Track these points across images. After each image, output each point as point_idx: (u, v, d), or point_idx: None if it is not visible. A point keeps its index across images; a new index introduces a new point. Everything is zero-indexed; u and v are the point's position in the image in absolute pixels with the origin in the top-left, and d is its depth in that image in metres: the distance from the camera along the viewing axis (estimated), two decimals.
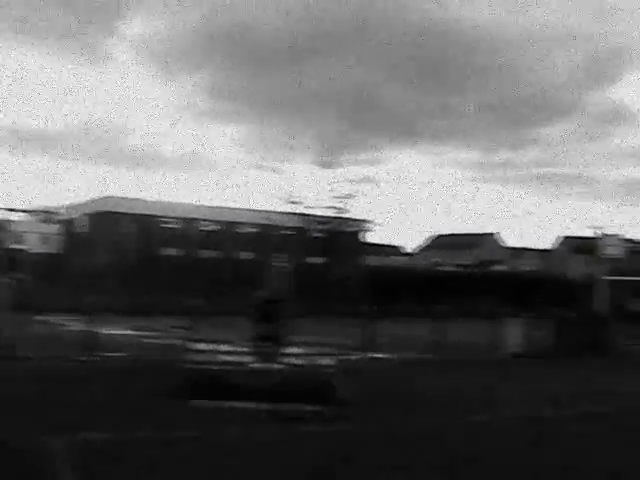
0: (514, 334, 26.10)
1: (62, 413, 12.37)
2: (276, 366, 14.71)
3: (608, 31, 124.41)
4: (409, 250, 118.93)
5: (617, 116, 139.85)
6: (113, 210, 60.85)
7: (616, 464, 10.50)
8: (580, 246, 71.39)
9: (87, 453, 9.93)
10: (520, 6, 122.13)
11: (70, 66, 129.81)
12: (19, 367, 17.65)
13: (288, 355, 14.90)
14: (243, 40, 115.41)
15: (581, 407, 15.54)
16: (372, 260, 67.22)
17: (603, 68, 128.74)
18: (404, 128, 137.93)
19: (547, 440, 11.96)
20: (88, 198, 66.60)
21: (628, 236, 50.19)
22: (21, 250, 68.12)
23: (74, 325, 25.04)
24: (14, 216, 70.77)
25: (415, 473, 9.61)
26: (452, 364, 22.50)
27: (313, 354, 15.01)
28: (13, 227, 63.53)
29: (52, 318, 31.03)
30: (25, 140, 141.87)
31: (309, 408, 13.54)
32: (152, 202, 62.91)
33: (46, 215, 79.69)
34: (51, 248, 77.79)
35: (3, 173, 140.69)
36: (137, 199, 62.40)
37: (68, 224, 71.24)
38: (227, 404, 13.48)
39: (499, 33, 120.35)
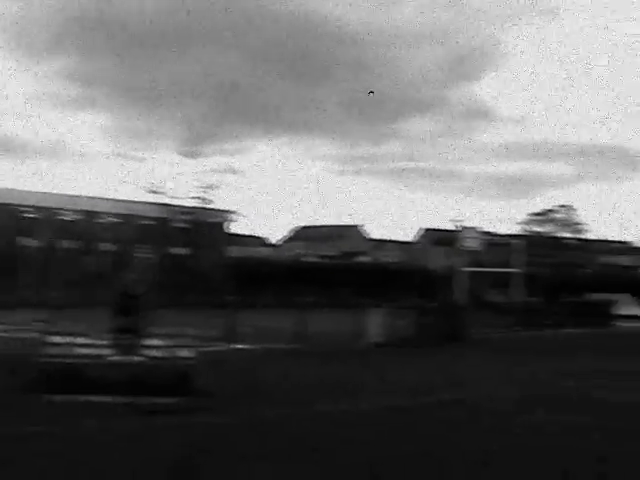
0: (376, 324, 26.51)
1: None
2: (135, 358, 14.44)
3: (470, 31, 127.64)
4: (273, 241, 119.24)
5: (477, 113, 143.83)
6: None
7: (473, 448, 10.73)
8: (441, 239, 73.26)
9: None
10: (385, 2, 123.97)
11: None
12: None
13: (147, 347, 14.66)
14: (108, 26, 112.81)
15: (438, 395, 15.85)
16: (236, 251, 67.03)
17: (465, 66, 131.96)
18: (270, 119, 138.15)
19: (404, 428, 12.15)
20: None
21: (486, 229, 51.89)
22: None
23: None
24: None
25: (274, 463, 9.56)
26: (314, 354, 22.64)
27: (173, 346, 14.82)
28: None
29: None
30: None
31: (167, 400, 13.34)
32: (9, 190, 60.75)
33: None
34: None
35: None
36: None
37: None
38: (83, 398, 13.15)
39: (364, 28, 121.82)
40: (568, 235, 68.04)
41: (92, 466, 9.16)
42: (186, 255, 55.96)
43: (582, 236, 69.06)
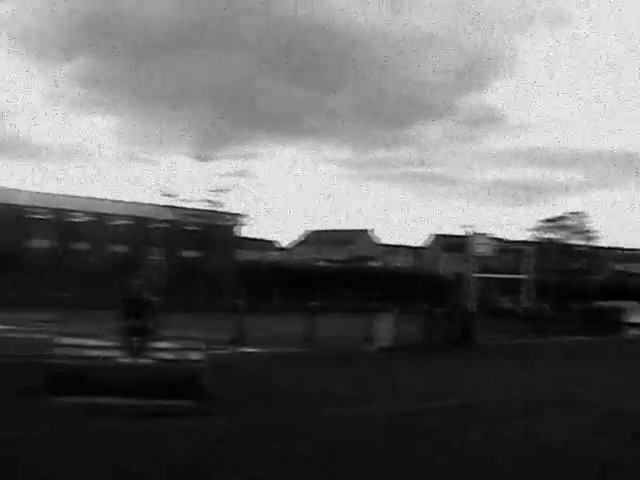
0: (385, 328, 26.49)
1: None
2: (144, 361, 14.47)
3: (481, 37, 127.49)
4: (284, 245, 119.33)
5: (488, 119, 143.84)
6: None
7: (479, 453, 10.72)
8: (451, 244, 73.23)
9: None
10: (397, 7, 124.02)
11: None
12: None
13: (157, 350, 14.70)
14: (120, 30, 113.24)
15: (446, 399, 15.84)
16: (246, 254, 67.09)
17: (476, 72, 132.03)
18: (283, 124, 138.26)
19: (412, 432, 12.14)
20: None
21: (497, 235, 51.81)
22: None
23: None
24: None
25: (282, 467, 9.57)
26: (324, 358, 22.64)
27: (182, 348, 14.85)
28: None
29: None
30: None
31: (176, 403, 13.36)
32: (20, 191, 60.94)
33: None
34: None
35: None
36: (4, 188, 60.36)
37: None
38: (92, 400, 13.15)
39: (377, 33, 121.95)
40: (579, 242, 67.78)
41: (101, 469, 9.17)
42: (197, 258, 56.07)
43: (593, 243, 68.77)
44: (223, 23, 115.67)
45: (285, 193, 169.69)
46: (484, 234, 47.24)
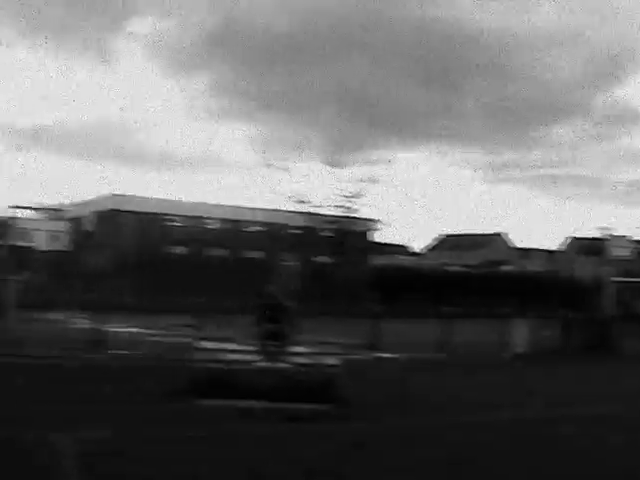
0: (521, 334, 26.08)
1: (67, 410, 12.40)
2: (281, 365, 14.74)
3: (614, 32, 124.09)
4: (417, 250, 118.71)
5: (623, 117, 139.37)
6: (120, 208, 60.94)
7: (619, 464, 10.47)
8: (588, 247, 71.28)
9: (91, 450, 9.95)
10: (526, 6, 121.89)
11: (81, 65, 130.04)
12: (26, 364, 17.68)
13: (293, 354, 14.94)
14: (252, 40, 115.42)
15: (590, 408, 15.45)
16: (380, 260, 67.14)
17: (609, 69, 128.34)
18: (413, 128, 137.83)
19: (551, 441, 11.93)
20: (96, 196, 66.72)
21: (636, 237, 50.12)
22: (29, 248, 68.29)
23: (81, 323, 25.11)
24: (22, 214, 70.96)
25: (418, 473, 9.60)
26: (458, 364, 22.48)
27: (318, 353, 15.04)
28: (21, 225, 63.61)
29: (59, 316, 31.11)
30: (35, 138, 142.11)
31: (312, 407, 13.55)
32: (159, 200, 62.93)
33: (54, 213, 79.78)
34: (59, 246, 77.91)
35: (12, 171, 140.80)
36: (145, 197, 62.47)
37: (76, 222, 71.38)
38: (232, 403, 13.48)
39: (502, 32, 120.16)
40: None
41: (240, 470, 9.39)
42: (330, 263, 56.49)
43: None
44: (353, 29, 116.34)
45: (417, 197, 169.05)
46: (623, 236, 45.76)
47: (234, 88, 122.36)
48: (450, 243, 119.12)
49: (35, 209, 74.43)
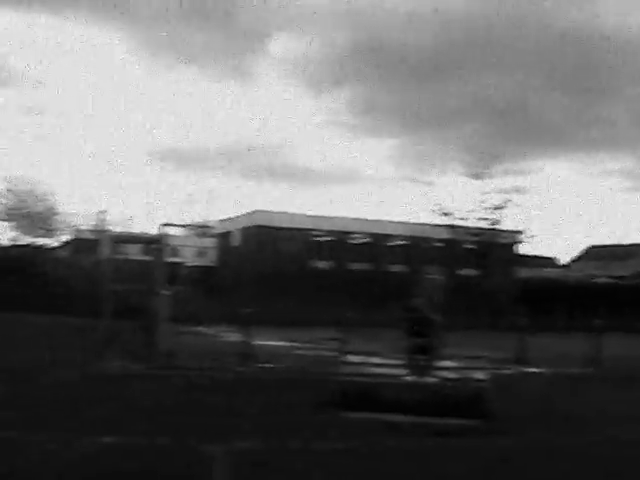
0: None
1: (218, 422, 12.66)
2: (428, 379, 14.62)
3: None
4: (563, 261, 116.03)
5: None
6: (265, 224, 62.07)
7: None
8: None
9: (242, 461, 10.15)
10: None
11: (222, 86, 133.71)
12: (178, 376, 18.16)
13: (441, 368, 14.80)
14: (388, 55, 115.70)
15: None
16: (525, 272, 65.89)
17: None
18: (556, 137, 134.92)
19: None
20: (241, 212, 68.25)
21: None
22: (178, 263, 70.35)
23: (230, 336, 25.64)
24: (172, 230, 73.13)
25: None
26: (609, 379, 21.72)
27: (465, 368, 14.86)
28: (171, 241, 65.56)
29: (208, 329, 31.90)
30: (181, 159, 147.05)
31: (460, 422, 13.37)
32: (302, 216, 63.78)
33: (202, 229, 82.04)
34: (206, 261, 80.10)
35: (161, 190, 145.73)
36: (287, 213, 63.43)
37: (222, 238, 73.16)
38: (378, 417, 13.45)
39: None
40: None
41: None
42: (475, 276, 55.83)
43: None
44: (493, 40, 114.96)
45: (562, 208, 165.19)
46: None
47: (373, 104, 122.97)
48: (596, 254, 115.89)
49: (184, 226, 76.69)
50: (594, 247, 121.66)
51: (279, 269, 59.06)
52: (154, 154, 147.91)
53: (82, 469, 9.34)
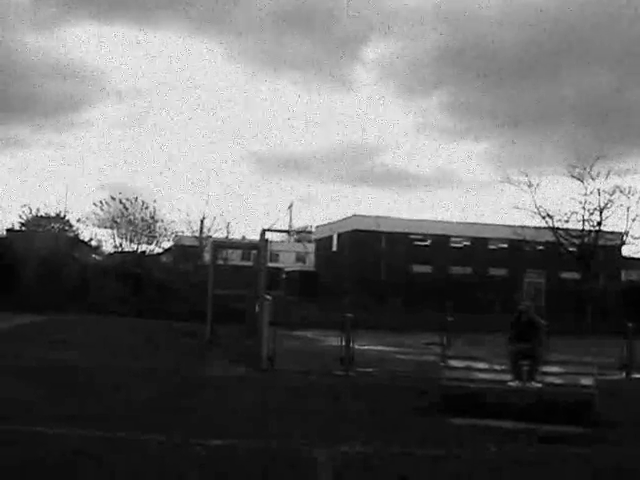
0: None
1: (320, 425, 12.70)
2: (534, 385, 14.39)
3: None
4: None
5: None
6: (362, 228, 62.12)
7: None
8: None
9: (345, 465, 10.16)
10: None
11: (319, 93, 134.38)
12: (279, 380, 18.30)
13: (546, 374, 14.55)
14: (479, 56, 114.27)
15: None
16: (629, 275, 64.29)
17: None
18: None
19: None
20: (339, 218, 68.50)
21: None
22: (277, 268, 71.07)
23: (329, 340, 25.72)
24: (272, 236, 73.91)
25: None
26: None
27: (572, 373, 14.57)
28: (271, 247, 66.27)
29: (307, 333, 32.06)
30: (281, 164, 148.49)
31: (569, 429, 13.11)
32: (400, 220, 63.62)
33: (301, 235, 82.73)
34: (305, 266, 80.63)
35: (262, 196, 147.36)
36: (385, 217, 63.37)
37: (320, 243, 73.53)
38: (483, 422, 13.30)
39: None
40: None
41: None
42: (578, 279, 54.72)
43: None
44: (587, 37, 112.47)
45: None
46: None
47: (466, 106, 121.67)
48: None
49: (284, 232, 77.44)
50: None
51: (377, 273, 59.04)
52: (254, 161, 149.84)
53: (195, 471, 9.49)
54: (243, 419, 13.05)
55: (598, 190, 52.72)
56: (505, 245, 63.49)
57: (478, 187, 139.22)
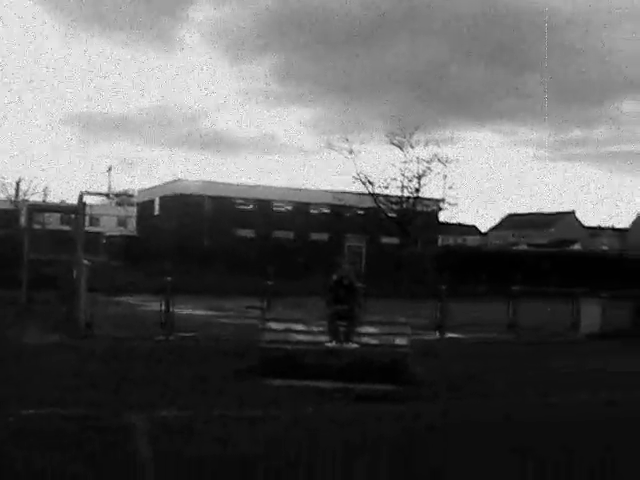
0: (591, 314, 25.60)
1: (139, 391, 12.57)
2: (350, 345, 14.74)
3: None
4: (483, 230, 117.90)
5: None
6: (186, 192, 61.49)
7: None
8: None
9: (163, 429, 10.12)
10: None
11: (143, 54, 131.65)
12: (97, 346, 17.95)
13: (363, 335, 14.93)
14: (310, 23, 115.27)
15: None
16: (445, 240, 66.71)
17: None
18: (476, 107, 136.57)
19: (624, 423, 11.70)
20: (162, 181, 67.56)
21: None
22: (98, 232, 69.51)
23: (150, 305, 25.42)
24: (91, 199, 72.16)
25: (495, 454, 9.51)
26: (526, 345, 22.21)
27: (387, 334, 15.01)
28: (90, 210, 64.63)
29: (128, 298, 31.56)
30: (101, 126, 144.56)
31: (382, 388, 13.53)
32: (224, 184, 63.35)
33: (122, 198, 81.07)
34: (126, 230, 79.23)
35: (80, 159, 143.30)
36: (209, 181, 62.96)
37: (142, 207, 72.37)
38: (301, 383, 13.53)
39: (569, 11, 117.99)
40: None
41: (308, 449, 9.42)
42: (397, 244, 56.30)
43: None
44: (414, 8, 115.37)
45: (482, 177, 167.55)
46: None
47: (294, 72, 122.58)
48: (516, 222, 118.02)
49: (104, 195, 75.70)
50: (512, 215, 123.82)
51: (201, 238, 58.67)
52: (73, 122, 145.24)
53: (16, 441, 9.18)
54: (59, 387, 12.70)
55: (417, 158, 54.24)
56: (327, 210, 64.39)
57: (304, 153, 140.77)
